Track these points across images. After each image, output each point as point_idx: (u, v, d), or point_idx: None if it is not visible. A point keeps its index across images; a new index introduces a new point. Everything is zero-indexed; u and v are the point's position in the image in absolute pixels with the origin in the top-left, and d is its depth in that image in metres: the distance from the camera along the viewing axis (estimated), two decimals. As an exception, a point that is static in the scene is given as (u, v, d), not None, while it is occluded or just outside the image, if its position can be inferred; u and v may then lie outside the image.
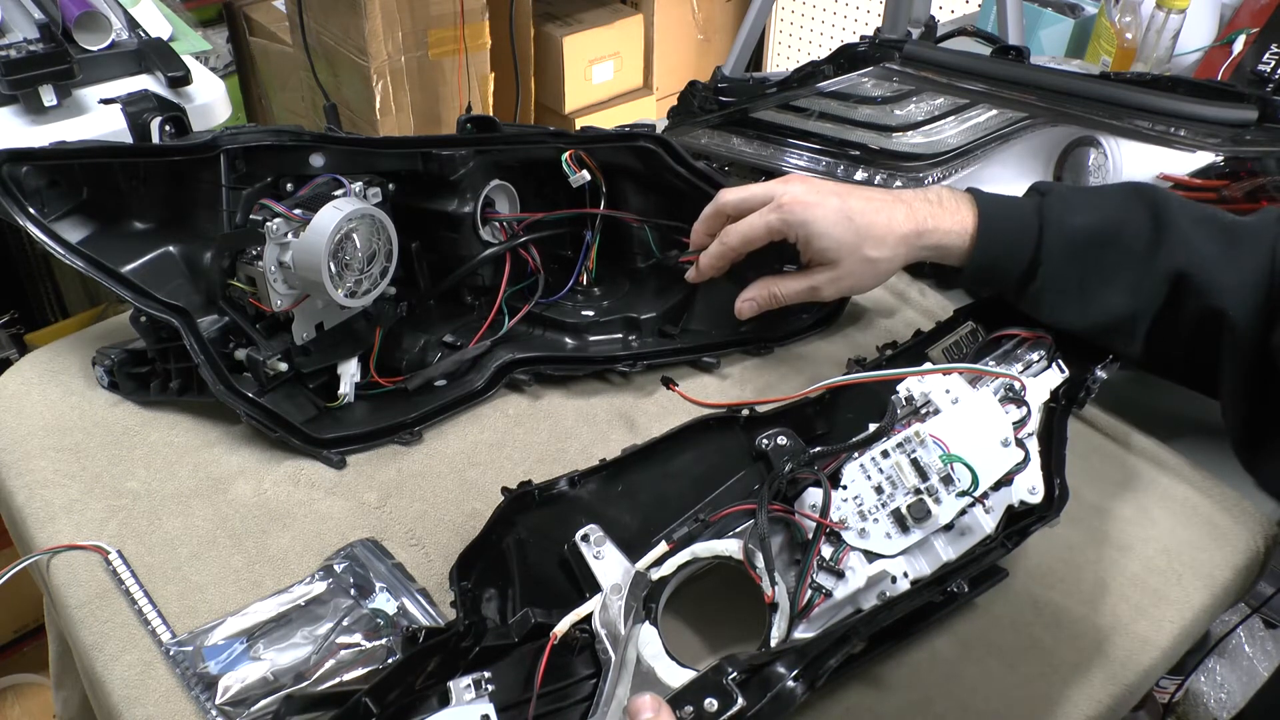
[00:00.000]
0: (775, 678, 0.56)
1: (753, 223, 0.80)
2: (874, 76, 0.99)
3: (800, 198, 0.78)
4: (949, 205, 0.80)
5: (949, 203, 0.80)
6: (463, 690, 0.55)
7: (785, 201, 0.78)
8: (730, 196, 0.82)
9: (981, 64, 0.96)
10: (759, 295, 0.84)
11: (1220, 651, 1.45)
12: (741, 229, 0.80)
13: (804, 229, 0.78)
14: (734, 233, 0.81)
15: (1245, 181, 0.86)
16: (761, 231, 0.80)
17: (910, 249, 0.79)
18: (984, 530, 0.64)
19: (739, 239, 0.81)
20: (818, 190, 0.79)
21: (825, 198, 0.78)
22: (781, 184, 0.80)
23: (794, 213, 0.78)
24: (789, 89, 1.02)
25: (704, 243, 0.85)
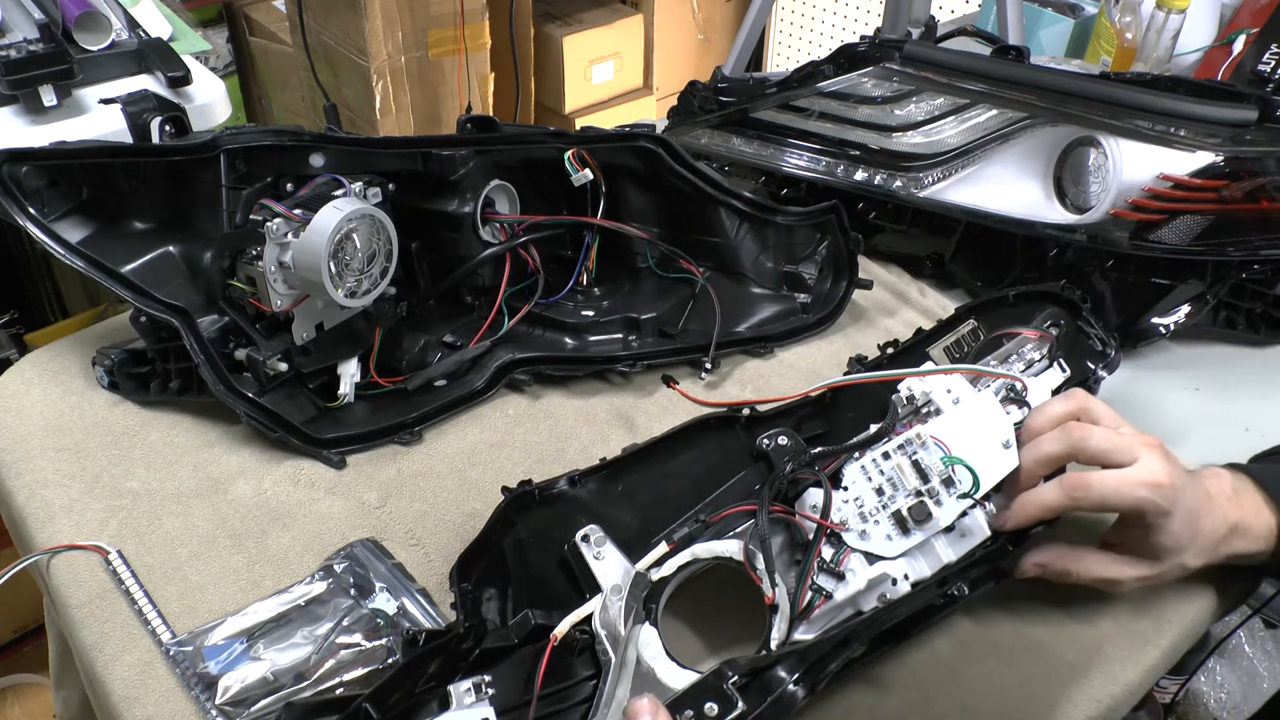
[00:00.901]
0: (775, 681, 0.56)
1: (1121, 491, 0.64)
2: (874, 76, 0.99)
3: (1173, 480, 0.64)
4: (1246, 499, 0.69)
5: (1245, 496, 0.69)
6: (463, 694, 0.55)
7: (1163, 481, 0.63)
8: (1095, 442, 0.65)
9: (981, 64, 0.96)
10: (1051, 566, 0.68)
11: (1221, 652, 1.45)
12: (1105, 493, 0.64)
13: (1160, 520, 0.65)
14: (1094, 492, 0.64)
15: (1245, 181, 0.86)
16: (1129, 504, 0.64)
17: (1214, 557, 0.68)
18: (985, 532, 0.64)
19: (1096, 502, 0.64)
20: (1177, 473, 0.65)
21: (1185, 483, 0.65)
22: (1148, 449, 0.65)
23: (1167, 499, 0.64)
24: (789, 89, 1.02)
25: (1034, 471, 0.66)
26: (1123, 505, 0.64)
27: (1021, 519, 0.65)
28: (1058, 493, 0.64)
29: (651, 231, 0.92)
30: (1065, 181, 0.92)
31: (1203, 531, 0.66)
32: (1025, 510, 0.65)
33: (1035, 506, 0.64)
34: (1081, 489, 0.64)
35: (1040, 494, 0.65)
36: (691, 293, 0.92)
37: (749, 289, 0.95)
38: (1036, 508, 0.64)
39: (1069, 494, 0.64)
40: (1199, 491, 0.67)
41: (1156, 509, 0.64)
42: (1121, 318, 0.88)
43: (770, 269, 0.95)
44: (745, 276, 0.95)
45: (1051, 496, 0.64)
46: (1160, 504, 0.64)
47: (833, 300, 0.94)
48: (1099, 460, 0.65)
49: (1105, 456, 0.64)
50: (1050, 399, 0.70)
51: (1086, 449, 0.64)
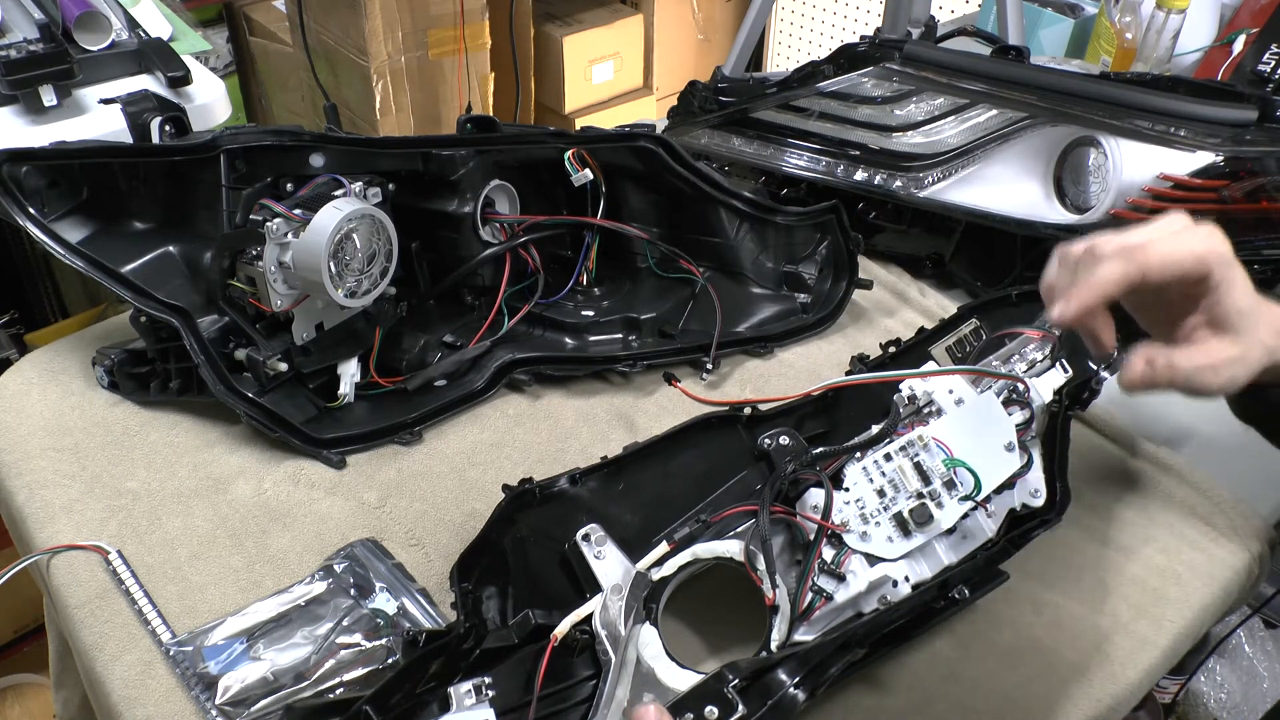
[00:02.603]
0: (776, 685, 0.56)
1: (1180, 245, 0.59)
2: (874, 76, 0.99)
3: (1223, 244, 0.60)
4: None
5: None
6: (463, 696, 0.55)
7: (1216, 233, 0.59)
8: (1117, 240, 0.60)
9: (981, 64, 0.96)
10: (1158, 367, 0.61)
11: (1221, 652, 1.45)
12: (1164, 251, 0.58)
13: (1228, 273, 0.59)
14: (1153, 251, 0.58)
15: (1245, 181, 0.86)
16: (1191, 258, 0.59)
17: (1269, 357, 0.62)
18: (986, 534, 0.64)
19: (1159, 261, 0.58)
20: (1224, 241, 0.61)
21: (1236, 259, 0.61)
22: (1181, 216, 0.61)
23: (1228, 249, 0.59)
24: (789, 89, 1.01)
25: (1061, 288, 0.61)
26: (1185, 260, 0.58)
27: (1084, 300, 0.59)
28: (1116, 263, 0.58)
29: (651, 231, 0.92)
30: (1065, 181, 0.92)
31: (1265, 303, 0.61)
32: (1087, 291, 0.59)
33: (1097, 284, 0.58)
34: (1139, 250, 0.58)
35: (1098, 272, 0.58)
36: (691, 293, 0.92)
37: (749, 289, 0.95)
38: (1098, 286, 0.58)
39: (1128, 258, 0.58)
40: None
41: (1221, 258, 0.59)
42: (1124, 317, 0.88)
43: (770, 269, 0.95)
44: (745, 276, 0.95)
45: (1110, 269, 0.58)
46: (1224, 252, 0.59)
47: (833, 300, 0.94)
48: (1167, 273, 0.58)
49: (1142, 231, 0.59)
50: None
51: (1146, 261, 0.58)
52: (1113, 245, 0.59)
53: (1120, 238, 0.59)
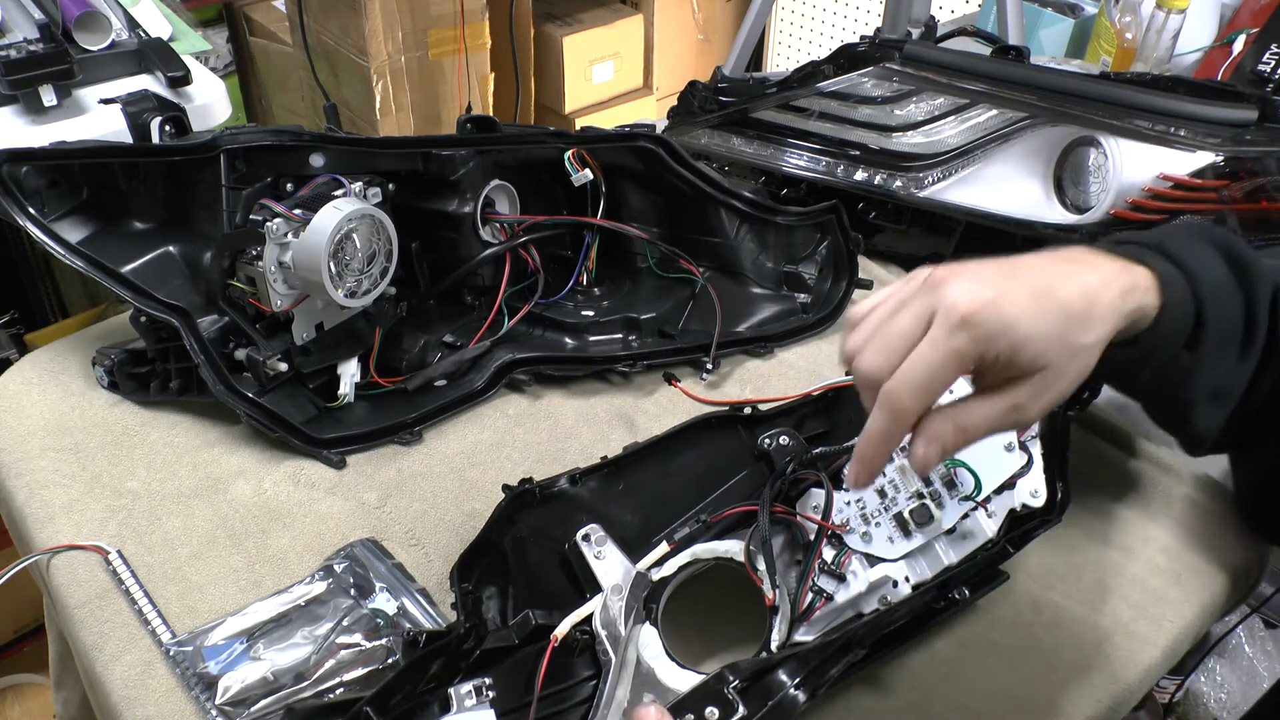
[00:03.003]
0: (776, 685, 0.56)
1: (930, 361, 0.50)
2: (874, 76, 0.99)
3: (977, 296, 0.51)
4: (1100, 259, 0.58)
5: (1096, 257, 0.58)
6: (464, 696, 0.55)
7: (964, 310, 0.50)
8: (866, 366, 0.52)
9: (981, 64, 0.96)
10: (946, 437, 0.52)
11: (1220, 651, 1.45)
12: (918, 378, 0.50)
13: (1007, 337, 0.51)
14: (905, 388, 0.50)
15: (1245, 181, 0.86)
16: (953, 369, 0.50)
17: (1117, 320, 0.55)
18: (986, 534, 0.64)
19: (920, 396, 0.50)
20: (981, 278, 0.52)
21: (1002, 283, 0.52)
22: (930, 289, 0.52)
23: (986, 321, 0.50)
24: (789, 89, 1.01)
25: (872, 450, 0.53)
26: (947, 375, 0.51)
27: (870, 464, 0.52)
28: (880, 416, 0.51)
29: (651, 231, 0.92)
30: (1065, 181, 0.92)
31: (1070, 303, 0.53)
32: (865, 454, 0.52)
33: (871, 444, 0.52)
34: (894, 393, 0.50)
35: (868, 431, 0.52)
36: (691, 293, 0.92)
37: (749, 289, 0.95)
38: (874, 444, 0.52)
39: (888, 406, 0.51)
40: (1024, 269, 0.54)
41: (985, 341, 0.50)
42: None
43: (770, 269, 0.95)
44: (745, 276, 0.95)
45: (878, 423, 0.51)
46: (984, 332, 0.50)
47: (833, 300, 0.94)
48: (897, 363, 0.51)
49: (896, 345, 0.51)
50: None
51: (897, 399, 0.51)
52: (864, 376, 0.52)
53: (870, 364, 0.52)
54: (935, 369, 0.50)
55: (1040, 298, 0.52)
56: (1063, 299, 0.53)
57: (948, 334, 0.50)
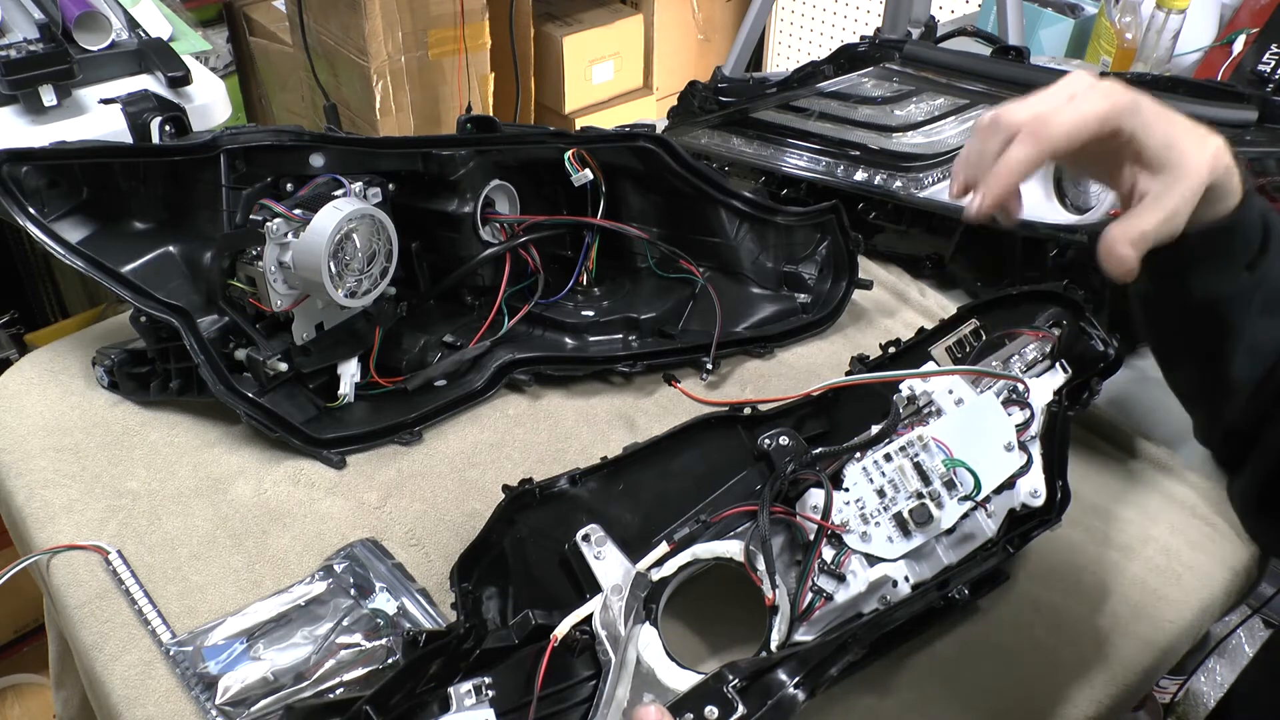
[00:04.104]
0: (776, 685, 0.56)
1: (1080, 107, 0.59)
2: (874, 76, 0.99)
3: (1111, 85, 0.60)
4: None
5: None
6: (463, 696, 0.55)
7: (1104, 87, 0.60)
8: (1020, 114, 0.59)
9: (981, 64, 0.96)
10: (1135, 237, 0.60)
11: (1220, 652, 1.45)
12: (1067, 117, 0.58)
13: (1139, 116, 0.60)
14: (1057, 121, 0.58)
15: (1245, 182, 0.86)
16: (1093, 124, 0.59)
17: (1217, 156, 0.62)
18: (986, 534, 0.64)
19: (1067, 133, 0.58)
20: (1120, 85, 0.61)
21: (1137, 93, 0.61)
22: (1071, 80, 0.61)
23: (1122, 97, 0.59)
24: (789, 89, 1.01)
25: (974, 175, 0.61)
26: (1089, 124, 0.59)
27: (999, 187, 0.59)
28: (1024, 144, 0.58)
29: (651, 231, 0.92)
30: (1065, 181, 0.92)
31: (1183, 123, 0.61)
32: (997, 181, 0.59)
33: (1006, 172, 0.58)
34: (1041, 123, 0.58)
35: (1007, 158, 0.58)
36: (691, 293, 0.92)
37: (749, 289, 0.95)
38: (1007, 174, 0.58)
39: (1033, 134, 0.58)
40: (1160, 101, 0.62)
41: (1123, 109, 0.59)
42: (1123, 318, 0.88)
43: (770, 269, 0.95)
44: (745, 276, 0.95)
45: (1017, 153, 0.58)
46: (1124, 102, 0.59)
47: (833, 300, 0.94)
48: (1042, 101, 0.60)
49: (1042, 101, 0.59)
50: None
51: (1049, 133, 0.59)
52: (1018, 120, 0.59)
53: (1025, 110, 0.60)
54: (1082, 116, 0.58)
55: (1164, 110, 0.61)
56: (1181, 121, 0.61)
57: (1094, 97, 0.59)
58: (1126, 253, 0.60)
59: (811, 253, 0.94)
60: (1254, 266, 0.67)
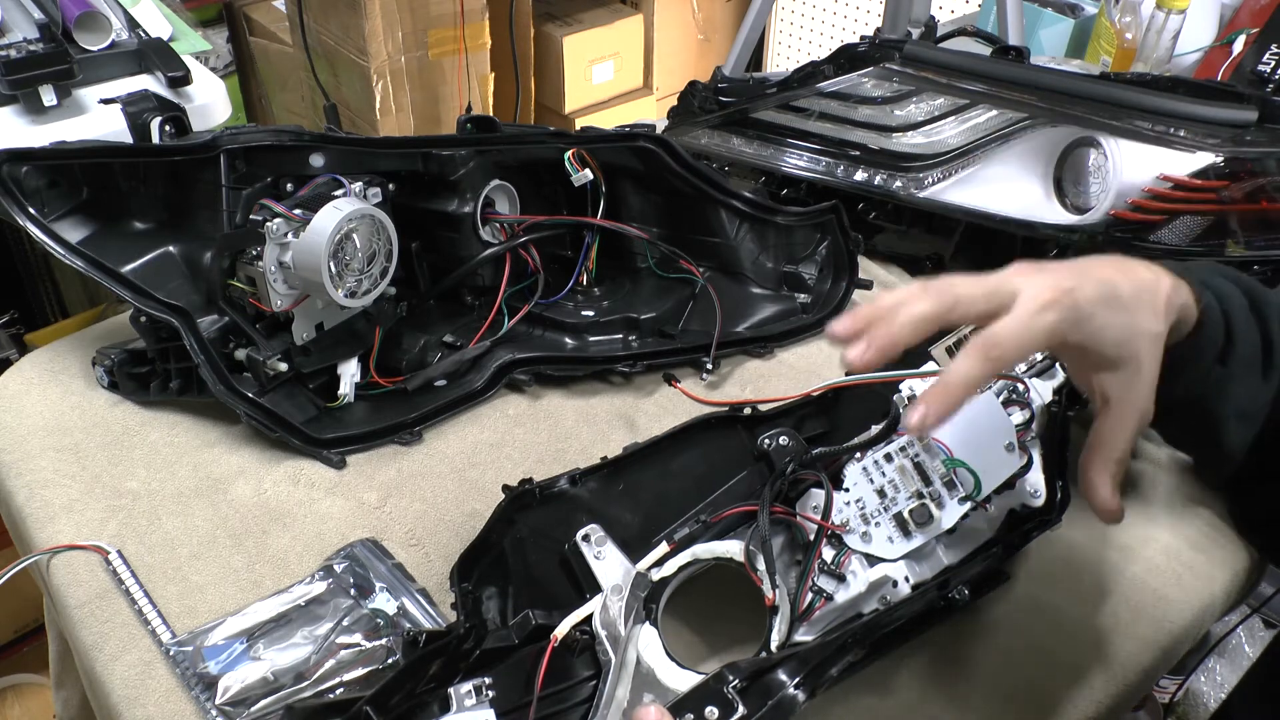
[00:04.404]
0: (776, 685, 0.56)
1: (1030, 325, 0.55)
2: (874, 77, 0.99)
3: (1057, 286, 0.56)
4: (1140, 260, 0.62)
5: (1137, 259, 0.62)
6: (463, 696, 0.55)
7: (1046, 297, 0.55)
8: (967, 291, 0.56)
9: (981, 64, 0.96)
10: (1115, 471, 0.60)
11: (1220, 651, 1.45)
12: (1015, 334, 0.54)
13: (1088, 325, 0.57)
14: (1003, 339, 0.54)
15: (1245, 182, 0.86)
16: (1041, 341, 0.55)
17: (1170, 312, 0.61)
18: (986, 534, 0.64)
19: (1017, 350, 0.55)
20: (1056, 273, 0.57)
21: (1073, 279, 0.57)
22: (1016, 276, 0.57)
23: (1066, 307, 0.56)
24: (789, 89, 1.01)
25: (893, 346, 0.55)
26: (1039, 339, 0.55)
27: (944, 404, 0.54)
28: (971, 360, 0.54)
29: (651, 231, 0.92)
30: (1065, 182, 0.92)
31: (1138, 293, 0.59)
32: (946, 393, 0.54)
33: (955, 384, 0.54)
34: (991, 343, 0.54)
35: (954, 370, 0.54)
36: (691, 293, 0.92)
37: (749, 289, 0.95)
38: (957, 386, 0.54)
39: (984, 355, 0.54)
40: (1093, 269, 0.59)
41: (1075, 317, 0.56)
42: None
43: (770, 269, 0.95)
44: (745, 276, 0.95)
45: (966, 367, 0.54)
46: (1076, 308, 0.56)
47: (833, 300, 0.94)
48: (976, 308, 0.56)
49: (981, 300, 0.56)
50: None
51: (955, 293, 0.55)
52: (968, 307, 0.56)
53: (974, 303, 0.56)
54: (1031, 333, 0.55)
55: (1108, 290, 0.57)
56: (1127, 291, 0.58)
57: (1037, 312, 0.55)
58: (1107, 493, 0.59)
59: (811, 253, 0.94)
60: (1225, 359, 0.66)
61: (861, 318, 0.56)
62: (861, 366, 0.56)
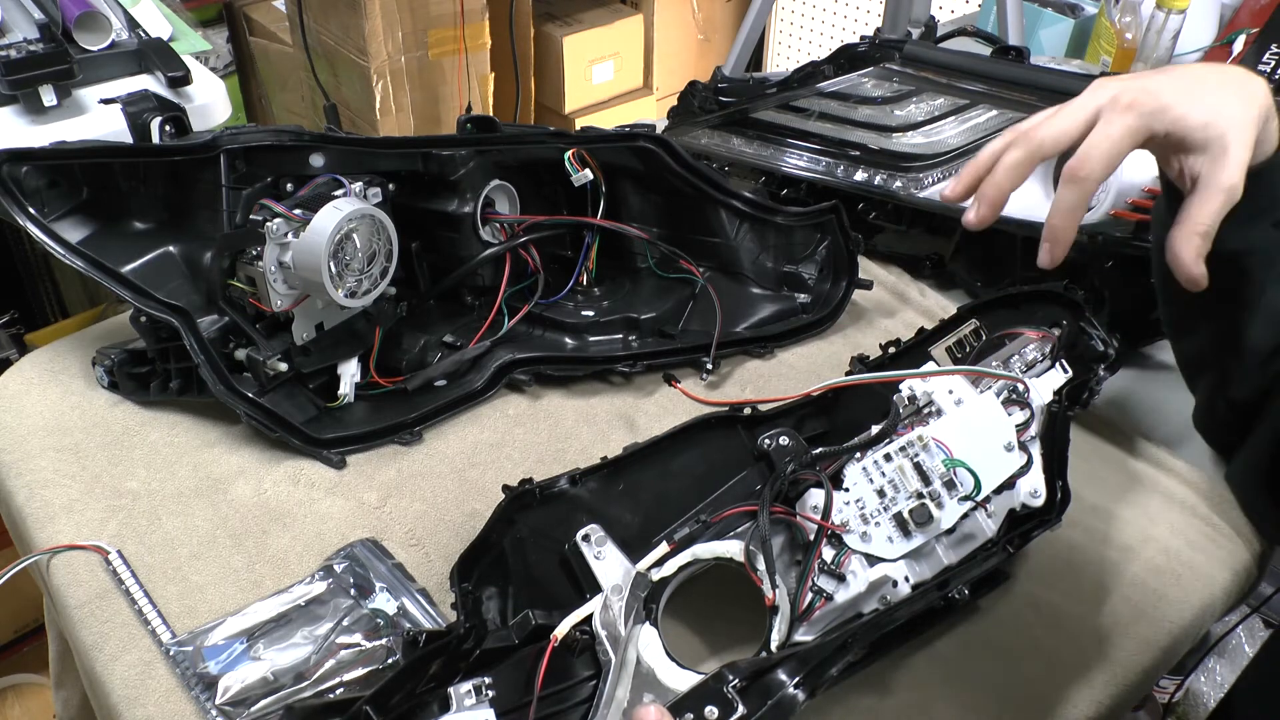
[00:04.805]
0: (776, 685, 0.56)
1: (1108, 135, 0.61)
2: (874, 77, 0.99)
3: (1135, 87, 0.61)
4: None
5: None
6: (463, 696, 0.55)
7: (1126, 100, 0.61)
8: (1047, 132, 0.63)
9: (981, 64, 0.96)
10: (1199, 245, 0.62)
11: (1220, 651, 1.45)
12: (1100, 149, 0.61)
13: (1168, 114, 0.61)
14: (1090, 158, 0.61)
15: (1245, 182, 0.85)
16: (1126, 142, 0.61)
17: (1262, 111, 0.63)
18: (986, 534, 0.64)
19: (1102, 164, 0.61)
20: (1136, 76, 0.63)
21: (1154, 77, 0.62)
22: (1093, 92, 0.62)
23: (1146, 103, 0.61)
24: (789, 89, 1.01)
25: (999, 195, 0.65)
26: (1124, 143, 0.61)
27: (1061, 236, 0.62)
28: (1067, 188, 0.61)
29: (651, 231, 0.92)
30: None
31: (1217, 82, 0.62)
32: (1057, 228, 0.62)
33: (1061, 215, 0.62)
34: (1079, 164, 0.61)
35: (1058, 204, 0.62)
36: (691, 293, 0.92)
37: (749, 289, 0.95)
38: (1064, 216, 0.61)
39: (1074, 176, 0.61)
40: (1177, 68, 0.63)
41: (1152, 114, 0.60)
42: (1123, 318, 0.88)
43: (770, 269, 0.95)
44: (745, 276, 0.95)
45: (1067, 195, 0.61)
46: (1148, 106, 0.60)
47: (832, 300, 0.94)
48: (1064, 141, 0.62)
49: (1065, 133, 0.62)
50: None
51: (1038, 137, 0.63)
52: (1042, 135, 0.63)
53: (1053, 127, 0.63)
54: (1114, 141, 0.61)
55: (1190, 79, 0.62)
56: (1213, 78, 0.62)
57: (1118, 115, 0.61)
58: (1189, 259, 0.62)
59: (811, 253, 0.94)
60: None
61: (966, 177, 0.66)
62: (978, 223, 0.65)
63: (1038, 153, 0.63)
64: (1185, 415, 0.83)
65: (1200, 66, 0.64)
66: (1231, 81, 0.63)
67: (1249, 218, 0.67)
